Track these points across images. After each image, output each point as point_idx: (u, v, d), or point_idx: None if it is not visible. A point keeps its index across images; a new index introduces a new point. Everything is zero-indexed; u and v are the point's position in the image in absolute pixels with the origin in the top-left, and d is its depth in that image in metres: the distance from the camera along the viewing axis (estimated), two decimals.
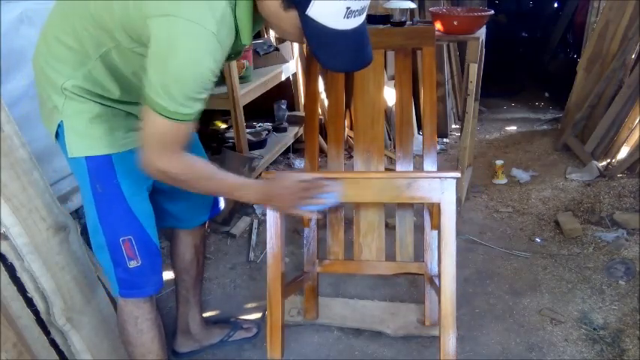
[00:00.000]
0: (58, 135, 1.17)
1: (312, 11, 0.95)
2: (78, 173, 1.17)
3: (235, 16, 1.01)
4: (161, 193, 1.33)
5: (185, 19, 0.93)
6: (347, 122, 2.79)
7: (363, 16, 1.00)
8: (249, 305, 1.94)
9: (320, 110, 3.33)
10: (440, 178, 1.31)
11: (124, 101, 1.17)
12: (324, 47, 0.99)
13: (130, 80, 1.14)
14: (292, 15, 0.98)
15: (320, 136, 3.27)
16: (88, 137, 1.15)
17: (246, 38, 1.05)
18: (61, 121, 1.14)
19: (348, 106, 3.00)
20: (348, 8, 0.94)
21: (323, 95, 3.19)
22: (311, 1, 0.94)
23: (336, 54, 1.00)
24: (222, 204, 1.58)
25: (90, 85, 1.12)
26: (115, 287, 1.25)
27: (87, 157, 1.15)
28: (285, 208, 1.27)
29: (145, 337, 1.30)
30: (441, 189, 1.30)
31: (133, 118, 1.18)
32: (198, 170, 1.12)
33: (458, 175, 1.31)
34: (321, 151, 3.30)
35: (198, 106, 1.02)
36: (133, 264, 1.21)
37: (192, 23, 0.93)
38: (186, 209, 1.46)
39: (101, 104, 1.15)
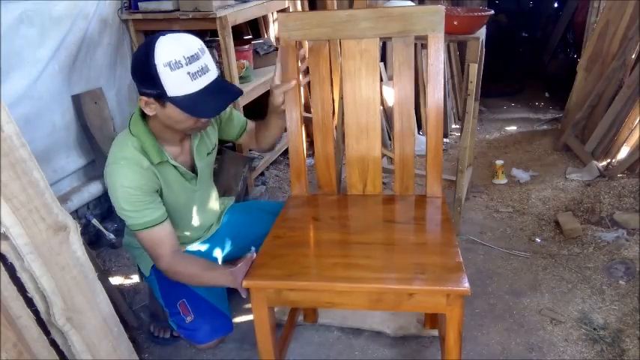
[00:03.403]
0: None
1: (170, 91, 1.23)
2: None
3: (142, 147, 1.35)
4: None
5: (110, 163, 1.34)
6: None
7: (211, 74, 1.27)
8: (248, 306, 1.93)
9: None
10: (447, 295, 1.12)
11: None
12: (196, 107, 1.26)
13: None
14: (170, 106, 1.26)
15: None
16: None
17: (154, 157, 1.36)
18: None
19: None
20: (189, 73, 1.22)
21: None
22: (163, 87, 1.22)
23: (206, 106, 1.27)
24: None
25: None
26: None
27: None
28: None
29: None
30: (447, 302, 1.14)
31: None
32: (191, 264, 1.41)
33: (467, 291, 1.12)
34: None
35: (151, 215, 1.34)
36: (188, 319, 1.50)
37: (112, 165, 1.33)
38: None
39: None
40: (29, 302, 1.13)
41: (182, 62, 1.20)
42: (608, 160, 2.78)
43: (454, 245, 1.24)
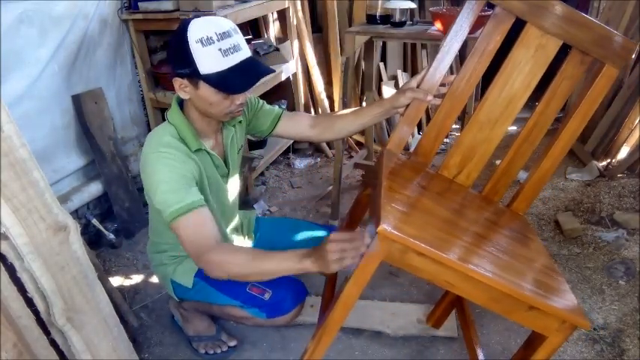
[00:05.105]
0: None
1: (202, 68, 1.22)
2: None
3: (180, 136, 1.36)
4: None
5: (149, 153, 1.31)
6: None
7: (243, 53, 1.27)
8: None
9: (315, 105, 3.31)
10: (563, 321, 1.02)
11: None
12: (227, 84, 1.25)
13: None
14: (203, 86, 1.26)
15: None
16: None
17: (192, 144, 1.36)
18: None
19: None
20: (220, 49, 1.21)
21: (323, 95, 3.19)
22: (195, 64, 1.22)
23: (237, 82, 1.26)
24: None
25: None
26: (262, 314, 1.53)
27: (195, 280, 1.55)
28: (328, 266, 1.14)
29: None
30: (557, 328, 1.04)
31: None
32: (242, 252, 1.27)
33: (587, 326, 1.03)
34: (324, 149, 3.28)
35: (192, 197, 1.26)
36: (267, 296, 1.49)
37: (152, 153, 1.30)
38: None
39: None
40: (29, 302, 1.13)
41: (213, 38, 1.21)
42: (608, 160, 2.78)
43: (558, 272, 1.16)
